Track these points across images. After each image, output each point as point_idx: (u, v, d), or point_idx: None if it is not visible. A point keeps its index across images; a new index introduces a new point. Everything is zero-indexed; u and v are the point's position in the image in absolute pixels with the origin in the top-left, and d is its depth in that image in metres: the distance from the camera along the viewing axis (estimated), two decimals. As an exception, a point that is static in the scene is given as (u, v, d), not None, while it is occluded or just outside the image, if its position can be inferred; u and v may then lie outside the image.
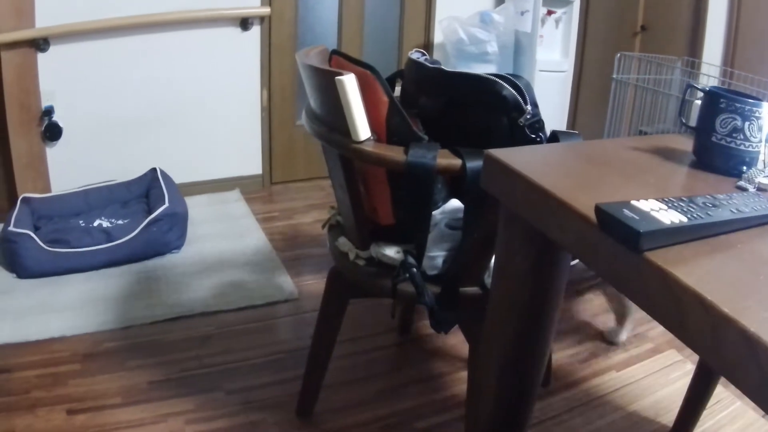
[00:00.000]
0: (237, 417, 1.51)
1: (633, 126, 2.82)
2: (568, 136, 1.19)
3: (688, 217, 0.63)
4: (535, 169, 0.82)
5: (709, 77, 2.72)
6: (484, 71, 1.23)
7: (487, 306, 0.95)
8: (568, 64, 3.46)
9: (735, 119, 0.86)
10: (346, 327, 1.90)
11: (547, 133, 1.22)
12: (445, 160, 1.09)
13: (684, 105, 1.01)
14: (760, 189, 0.82)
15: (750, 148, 0.87)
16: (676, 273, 0.56)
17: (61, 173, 2.63)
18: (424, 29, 3.35)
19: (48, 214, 2.42)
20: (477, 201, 1.10)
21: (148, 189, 2.62)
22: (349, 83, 1.07)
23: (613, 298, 1.97)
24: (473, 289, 1.22)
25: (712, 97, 0.89)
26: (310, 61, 1.21)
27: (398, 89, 1.41)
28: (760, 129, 0.86)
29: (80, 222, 2.38)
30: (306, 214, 2.80)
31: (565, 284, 0.94)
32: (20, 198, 2.40)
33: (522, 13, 3.24)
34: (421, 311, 1.74)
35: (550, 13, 3.32)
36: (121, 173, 2.67)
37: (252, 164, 3.06)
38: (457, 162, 1.08)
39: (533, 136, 1.19)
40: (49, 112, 2.52)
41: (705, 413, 1.48)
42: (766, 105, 0.86)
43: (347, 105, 1.08)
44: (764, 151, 0.88)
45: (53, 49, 2.48)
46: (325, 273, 1.47)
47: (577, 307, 2.10)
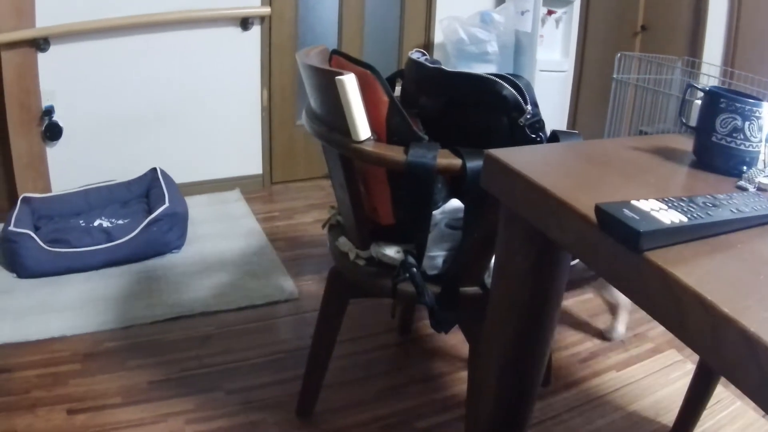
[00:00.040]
0: (237, 417, 1.51)
1: (633, 126, 2.83)
2: (569, 136, 1.19)
3: (688, 217, 0.63)
4: (535, 168, 0.82)
5: (710, 77, 2.73)
6: (485, 71, 1.23)
7: (487, 306, 0.95)
8: (569, 64, 3.46)
9: (735, 119, 0.86)
10: (346, 327, 1.90)
11: (548, 133, 1.22)
12: (445, 159, 1.09)
13: (684, 105, 1.01)
14: (760, 189, 0.82)
15: (750, 148, 0.87)
16: (676, 273, 0.56)
17: (62, 173, 2.63)
18: (425, 29, 3.35)
19: (48, 214, 2.42)
20: (477, 201, 1.10)
21: (149, 189, 2.62)
22: (350, 83, 1.07)
23: (600, 289, 1.95)
24: (473, 289, 1.22)
25: (713, 97, 0.89)
26: (311, 60, 1.21)
27: (398, 89, 1.40)
28: (760, 129, 0.86)
29: (80, 222, 2.38)
30: (306, 214, 2.80)
31: (565, 284, 0.94)
32: (20, 198, 2.40)
33: (522, 13, 3.24)
34: (422, 311, 1.75)
35: (551, 13, 3.32)
36: (122, 173, 2.67)
37: (252, 164, 3.07)
38: (457, 162, 1.08)
39: (533, 136, 1.19)
40: (50, 111, 2.52)
41: (705, 413, 1.48)
42: (766, 105, 0.86)
43: (347, 105, 1.08)
44: (764, 151, 0.88)
45: (53, 49, 2.48)
46: (325, 273, 1.47)
47: (577, 306, 2.10)
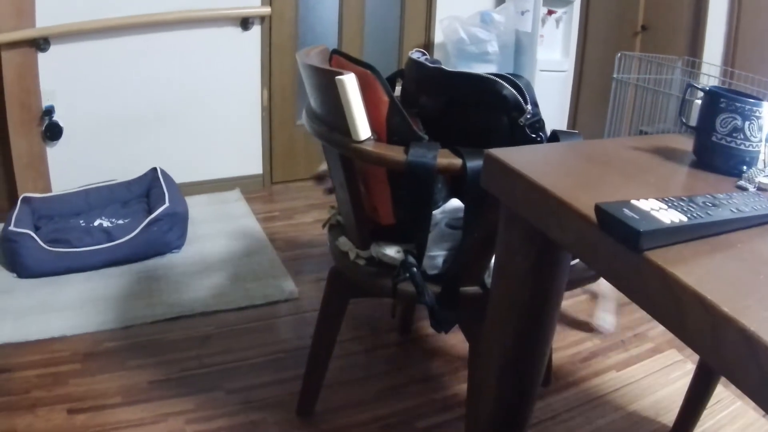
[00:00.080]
0: (237, 416, 1.51)
1: (633, 126, 2.82)
2: (569, 136, 1.19)
3: (688, 216, 0.63)
4: (535, 168, 0.82)
5: (710, 77, 2.72)
6: (485, 71, 1.23)
7: (487, 306, 0.96)
8: (569, 64, 3.46)
9: (735, 119, 0.86)
10: (346, 327, 1.90)
11: (548, 133, 1.22)
12: (446, 159, 1.09)
13: (684, 105, 1.01)
14: (760, 188, 0.82)
15: (750, 148, 0.87)
16: (676, 272, 0.56)
17: (62, 173, 2.63)
18: (425, 29, 3.35)
19: (48, 214, 2.42)
20: (477, 200, 1.10)
21: (149, 189, 2.62)
22: (350, 83, 1.07)
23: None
24: (473, 289, 1.22)
25: (713, 97, 0.89)
26: (311, 60, 1.21)
27: (398, 89, 1.40)
28: (760, 129, 0.86)
29: (81, 222, 2.38)
30: (306, 213, 2.80)
31: (565, 284, 0.94)
32: (21, 198, 2.41)
33: (522, 13, 3.24)
34: (422, 311, 1.75)
35: (551, 13, 3.32)
36: (122, 173, 2.67)
37: (252, 164, 3.07)
38: (458, 161, 1.08)
39: (533, 136, 1.19)
40: (50, 111, 2.52)
41: (705, 413, 1.48)
42: (766, 104, 0.86)
43: (347, 104, 1.08)
44: (764, 151, 0.88)
45: (54, 49, 2.48)
46: (326, 273, 1.47)
47: (577, 306, 2.09)
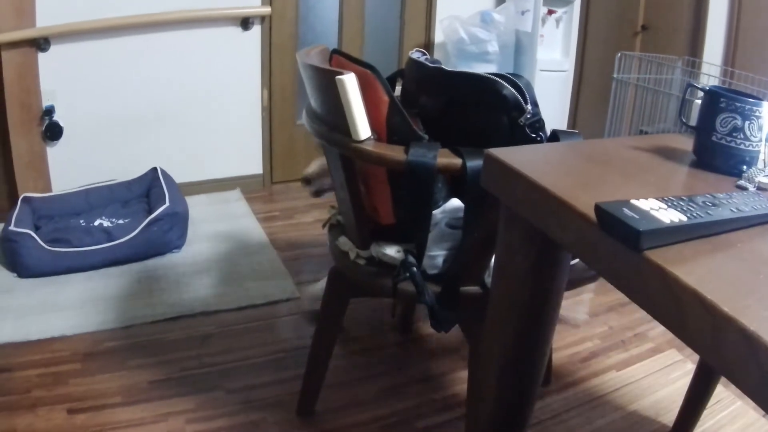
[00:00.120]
0: (237, 416, 1.51)
1: (633, 125, 2.83)
2: (569, 136, 1.19)
3: (688, 216, 0.63)
4: (535, 168, 0.82)
5: (710, 77, 2.72)
6: (485, 71, 1.23)
7: (487, 305, 0.96)
8: (569, 64, 3.46)
9: (735, 118, 0.86)
10: (346, 326, 1.90)
11: (548, 133, 1.22)
12: (446, 159, 1.09)
13: (684, 104, 1.01)
14: (760, 188, 0.82)
15: (750, 148, 0.87)
16: (676, 272, 0.56)
17: (62, 173, 2.63)
18: (425, 29, 3.35)
19: (49, 214, 2.42)
20: (477, 200, 1.10)
21: (149, 188, 2.62)
22: (350, 82, 1.07)
23: None
24: (474, 289, 1.22)
25: (713, 97, 0.89)
26: (311, 60, 1.21)
27: (399, 89, 1.40)
28: (760, 128, 0.86)
29: (81, 221, 2.38)
30: (306, 213, 2.80)
31: (565, 284, 0.94)
32: (21, 197, 2.41)
33: (522, 13, 3.24)
34: (422, 310, 1.75)
35: (551, 13, 3.32)
36: (122, 173, 2.67)
37: (252, 164, 3.07)
38: (458, 161, 1.08)
39: (533, 136, 1.19)
40: (50, 111, 2.52)
41: (705, 413, 1.48)
42: (766, 104, 0.86)
43: (347, 104, 1.08)
44: (764, 151, 0.88)
45: (54, 49, 2.48)
46: (326, 272, 1.47)
47: (577, 306, 2.09)
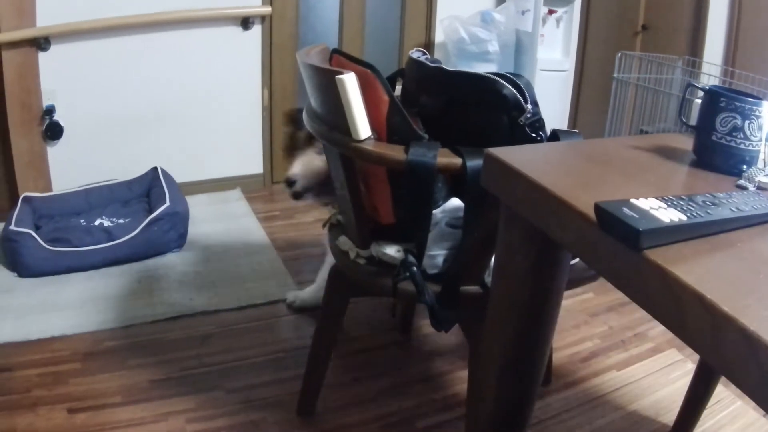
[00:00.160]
0: (237, 416, 1.51)
1: (634, 125, 2.83)
2: (569, 135, 1.19)
3: (688, 215, 0.63)
4: (535, 167, 0.82)
5: (710, 76, 2.73)
6: (485, 70, 1.23)
7: (487, 305, 0.95)
8: (569, 64, 3.46)
9: (735, 118, 0.86)
10: (346, 326, 1.90)
11: (548, 132, 1.22)
12: (446, 158, 1.09)
13: (684, 104, 1.01)
14: (760, 188, 0.82)
15: (750, 147, 0.87)
16: (675, 271, 0.56)
17: (62, 172, 2.63)
18: (425, 28, 3.35)
19: (49, 213, 2.42)
20: (477, 200, 1.10)
21: (149, 188, 2.62)
22: (350, 82, 1.07)
23: None
24: (474, 288, 1.22)
25: (713, 96, 0.89)
26: (311, 60, 1.21)
27: (399, 88, 1.40)
28: (760, 128, 0.86)
29: (81, 221, 2.38)
30: (307, 213, 2.80)
31: (565, 283, 0.94)
32: (21, 197, 2.41)
33: (523, 13, 3.24)
34: (422, 310, 1.75)
35: (551, 13, 3.32)
36: (122, 172, 2.68)
37: (253, 163, 3.07)
38: (458, 161, 1.08)
39: (533, 135, 1.18)
40: (50, 111, 2.52)
41: (705, 413, 1.48)
42: (766, 104, 0.86)
43: (348, 104, 1.08)
44: (764, 150, 0.88)
45: (54, 49, 2.48)
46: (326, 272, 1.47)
47: (577, 306, 2.09)
